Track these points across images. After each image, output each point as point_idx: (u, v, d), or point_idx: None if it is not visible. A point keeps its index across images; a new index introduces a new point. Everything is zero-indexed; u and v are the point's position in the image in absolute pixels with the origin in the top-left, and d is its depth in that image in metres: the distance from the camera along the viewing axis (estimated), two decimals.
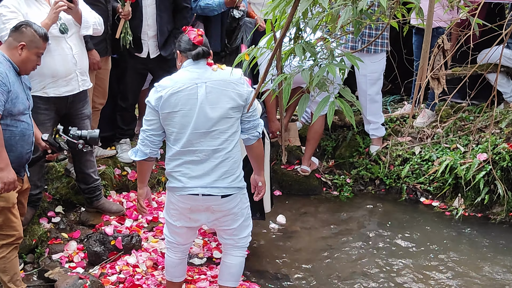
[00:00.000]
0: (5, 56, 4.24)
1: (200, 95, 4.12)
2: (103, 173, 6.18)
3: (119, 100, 6.62)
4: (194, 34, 4.30)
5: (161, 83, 4.19)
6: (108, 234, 5.34)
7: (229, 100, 4.17)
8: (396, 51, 6.92)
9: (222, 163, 4.24)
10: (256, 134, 4.42)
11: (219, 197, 4.27)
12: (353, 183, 7.17)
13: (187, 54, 4.27)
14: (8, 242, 4.39)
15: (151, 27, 6.26)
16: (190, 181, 4.21)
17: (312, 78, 2.90)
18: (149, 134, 4.20)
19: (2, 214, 4.32)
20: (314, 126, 6.82)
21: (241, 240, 4.56)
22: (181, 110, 4.11)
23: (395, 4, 3.33)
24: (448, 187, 6.60)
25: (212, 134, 4.17)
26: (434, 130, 7.27)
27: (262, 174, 4.68)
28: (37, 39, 4.37)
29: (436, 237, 5.99)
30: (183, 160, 4.20)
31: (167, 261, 4.70)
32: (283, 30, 2.85)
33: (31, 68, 4.44)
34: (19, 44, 4.28)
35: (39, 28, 4.41)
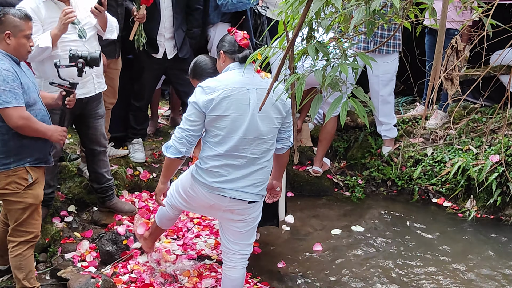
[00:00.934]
0: (1, 52, 4.23)
1: (252, 101, 4.10)
2: (115, 173, 6.20)
3: (132, 99, 6.65)
4: (240, 36, 4.29)
5: (209, 85, 4.11)
6: (120, 234, 5.36)
7: (275, 110, 4.18)
8: (408, 52, 6.91)
9: (259, 171, 4.26)
10: (289, 144, 4.45)
11: (246, 202, 4.28)
12: (365, 184, 7.16)
13: (233, 56, 4.26)
14: (26, 240, 4.43)
15: (168, 29, 6.32)
16: (223, 183, 4.20)
17: (325, 78, 2.90)
18: (189, 134, 4.12)
19: (28, 211, 4.37)
20: (326, 127, 6.81)
21: (246, 248, 4.56)
22: (232, 114, 4.07)
23: (408, 5, 3.32)
24: (460, 189, 6.58)
25: (257, 142, 4.17)
26: (446, 132, 7.25)
27: (281, 180, 4.74)
28: (19, 23, 4.28)
29: (449, 239, 5.97)
30: (223, 163, 4.17)
31: (164, 213, 4.86)
32: (295, 30, 2.85)
33: (26, 53, 4.38)
34: (5, 34, 4.23)
35: (17, 12, 4.32)
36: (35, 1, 4.96)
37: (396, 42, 6.78)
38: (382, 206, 6.77)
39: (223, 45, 4.34)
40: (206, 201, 4.32)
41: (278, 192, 4.77)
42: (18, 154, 4.26)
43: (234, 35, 4.32)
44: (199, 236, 5.79)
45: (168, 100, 8.28)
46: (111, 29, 5.41)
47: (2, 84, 4.06)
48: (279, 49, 3.25)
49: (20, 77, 4.20)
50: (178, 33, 6.36)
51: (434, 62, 2.75)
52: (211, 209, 4.44)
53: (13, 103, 4.08)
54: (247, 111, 4.09)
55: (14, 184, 4.28)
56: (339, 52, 3.11)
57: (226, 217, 4.42)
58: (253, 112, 4.09)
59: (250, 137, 4.12)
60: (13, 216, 4.39)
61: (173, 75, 6.67)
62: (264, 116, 4.13)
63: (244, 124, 4.09)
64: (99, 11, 5.10)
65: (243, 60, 4.20)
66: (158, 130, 7.42)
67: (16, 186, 4.28)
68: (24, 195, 4.32)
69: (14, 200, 4.32)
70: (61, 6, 5.05)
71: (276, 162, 4.54)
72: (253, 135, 4.13)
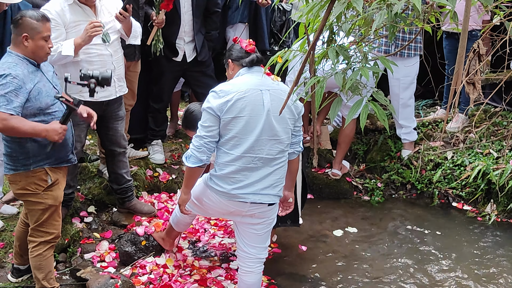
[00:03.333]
0: (18, 55, 4.24)
1: (266, 102, 4.13)
2: (135, 174, 6.23)
3: (151, 101, 6.67)
4: (246, 43, 4.36)
5: (222, 88, 4.14)
6: (140, 235, 5.38)
7: (288, 110, 4.21)
8: (429, 55, 6.88)
9: (275, 172, 4.27)
10: (299, 149, 4.46)
11: (266, 205, 4.29)
12: (384, 187, 7.14)
13: (240, 62, 4.31)
14: (47, 240, 4.46)
15: (187, 33, 6.34)
16: (242, 189, 4.21)
17: (345, 81, 2.90)
18: (207, 141, 4.13)
19: (48, 212, 4.40)
20: (345, 129, 6.80)
21: (263, 251, 4.57)
22: (246, 115, 4.09)
23: (429, 8, 3.31)
24: (480, 193, 6.54)
25: (273, 143, 4.19)
26: (467, 135, 7.20)
27: (293, 190, 4.72)
28: (36, 25, 4.27)
29: (469, 243, 5.94)
30: (240, 167, 4.18)
31: (181, 217, 4.91)
32: (316, 34, 2.85)
33: (45, 54, 4.37)
34: (22, 37, 4.24)
35: (34, 14, 4.31)
36: (60, 4, 4.99)
37: (417, 46, 6.74)
38: (401, 210, 6.75)
39: (230, 54, 4.40)
40: (226, 208, 4.33)
41: (291, 204, 4.73)
42: (37, 155, 4.28)
43: (239, 43, 4.39)
44: (214, 237, 5.81)
45: (188, 102, 8.30)
46: (135, 35, 5.44)
47: (1, 88, 4.07)
48: (300, 52, 3.26)
49: (31, 82, 4.20)
50: (198, 37, 6.39)
51: (456, 66, 2.74)
52: (230, 215, 4.46)
53: (1, 109, 4.06)
54: (262, 111, 4.11)
55: (34, 185, 4.31)
56: (360, 55, 3.10)
57: (245, 222, 4.42)
58: (268, 112, 4.12)
59: (266, 137, 4.15)
60: (33, 216, 4.42)
61: (191, 78, 6.70)
62: (278, 117, 4.14)
63: (260, 125, 4.12)
64: (124, 17, 5.13)
65: (250, 63, 4.27)
66: (177, 132, 7.44)
67: (35, 187, 4.31)
68: (44, 196, 4.35)
69: (34, 200, 4.35)
70: (86, 9, 5.08)
71: (287, 169, 4.52)
72: (268, 135, 4.15)
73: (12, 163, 4.29)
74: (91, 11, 5.11)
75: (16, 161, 4.28)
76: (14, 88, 4.09)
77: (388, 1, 2.77)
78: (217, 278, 5.14)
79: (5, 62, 4.19)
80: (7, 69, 4.12)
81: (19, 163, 4.27)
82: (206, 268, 5.26)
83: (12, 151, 4.27)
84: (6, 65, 4.16)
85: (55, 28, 4.89)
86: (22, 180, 4.30)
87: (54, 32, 4.88)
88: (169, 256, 5.31)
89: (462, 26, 2.71)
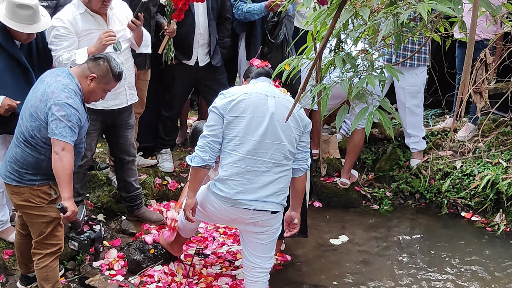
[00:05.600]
0: (78, 85, 4.28)
1: (271, 106, 4.20)
2: (143, 182, 6.26)
3: (162, 110, 6.69)
4: (258, 62, 4.58)
5: (229, 90, 4.28)
6: (148, 243, 5.38)
7: (293, 119, 4.25)
8: (437, 64, 6.87)
9: (280, 179, 4.29)
10: (306, 166, 4.47)
11: (269, 213, 4.30)
12: (393, 196, 7.12)
13: (250, 76, 4.52)
14: (52, 251, 4.47)
15: (203, 35, 6.35)
16: (245, 194, 4.22)
17: (351, 89, 2.91)
18: (210, 141, 4.19)
19: (52, 224, 4.41)
20: (354, 138, 6.80)
21: (268, 261, 4.58)
22: (249, 115, 4.16)
23: (437, 18, 3.32)
24: (489, 202, 6.52)
25: (276, 147, 4.22)
26: (475, 145, 7.19)
27: (299, 211, 4.68)
28: (109, 77, 4.39)
29: (477, 253, 5.91)
30: (244, 169, 4.20)
31: (185, 224, 4.89)
32: (323, 41, 2.86)
33: (94, 100, 4.49)
34: (90, 75, 4.32)
35: (115, 66, 4.42)
36: (73, 13, 5.04)
37: (422, 56, 6.71)
38: (410, 219, 6.73)
39: (246, 74, 4.65)
40: (229, 215, 4.34)
41: (297, 225, 4.69)
42: (46, 174, 4.29)
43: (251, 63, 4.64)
44: (223, 245, 5.82)
45: (197, 111, 8.33)
46: (146, 44, 5.49)
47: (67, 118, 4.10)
48: (307, 59, 3.27)
49: (83, 119, 4.27)
50: (212, 40, 6.41)
51: (462, 76, 2.74)
52: (233, 222, 4.48)
53: (68, 140, 4.11)
54: (266, 114, 4.17)
55: (38, 198, 4.31)
56: (366, 63, 3.11)
57: (248, 230, 4.43)
58: (272, 115, 4.17)
59: (269, 141, 4.19)
60: (37, 229, 4.43)
61: (204, 85, 6.66)
62: (283, 123, 4.19)
63: (263, 126, 4.17)
64: (136, 25, 5.16)
65: (257, 75, 4.46)
66: (186, 140, 7.45)
67: (40, 200, 4.32)
68: (48, 209, 4.36)
69: (37, 214, 4.35)
70: (98, 18, 5.12)
71: (293, 187, 4.52)
72: (272, 139, 4.19)
73: (17, 175, 4.30)
74: (102, 20, 5.15)
75: (22, 176, 4.28)
76: (76, 121, 4.15)
77: (395, 10, 2.78)
78: (223, 286, 5.14)
79: (67, 86, 4.21)
80: (70, 98, 4.16)
81: (25, 178, 4.29)
82: (213, 276, 5.27)
83: (23, 164, 4.27)
84: (68, 91, 4.19)
85: (68, 37, 4.95)
86: (26, 192, 4.31)
87: (67, 41, 4.94)
88: (178, 265, 5.32)
89: (469, 35, 2.72)
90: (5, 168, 4.38)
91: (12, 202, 4.49)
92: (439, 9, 2.64)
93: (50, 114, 4.10)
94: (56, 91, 4.15)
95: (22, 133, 4.26)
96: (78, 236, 4.44)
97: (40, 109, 4.16)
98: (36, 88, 4.30)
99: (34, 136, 4.21)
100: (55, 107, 4.09)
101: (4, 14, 4.67)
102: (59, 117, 4.08)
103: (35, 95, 4.24)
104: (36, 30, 4.78)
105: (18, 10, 4.63)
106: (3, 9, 4.68)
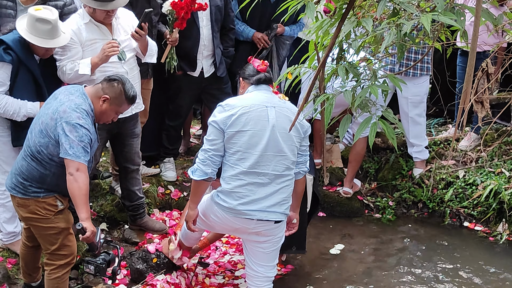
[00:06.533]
0: (90, 105, 4.29)
1: (271, 118, 4.18)
2: (146, 191, 6.26)
3: (167, 119, 6.69)
4: (258, 63, 4.46)
5: (229, 102, 4.23)
6: (151, 252, 5.39)
7: (294, 129, 4.23)
8: (439, 73, 6.87)
9: (282, 189, 4.29)
10: (305, 169, 4.49)
11: (273, 223, 4.30)
12: (396, 206, 7.12)
13: (249, 80, 4.41)
14: (66, 262, 4.45)
15: (207, 47, 6.35)
16: (248, 205, 4.22)
17: (355, 99, 2.92)
18: (211, 155, 4.19)
19: (62, 235, 4.39)
20: (356, 147, 6.81)
21: (271, 270, 4.58)
22: (250, 129, 4.15)
23: (439, 27, 3.34)
24: (492, 212, 6.52)
25: (278, 159, 4.22)
26: (478, 154, 7.19)
27: (298, 211, 4.71)
28: (122, 99, 4.41)
29: (480, 262, 5.91)
30: (246, 182, 4.21)
31: (188, 233, 4.87)
32: (326, 51, 2.88)
33: (105, 121, 4.50)
34: (103, 96, 4.33)
35: (129, 89, 4.44)
36: (77, 23, 5.05)
37: (424, 66, 6.70)
38: (412, 228, 6.73)
39: (243, 72, 4.52)
40: (231, 225, 4.35)
41: (295, 225, 4.75)
42: (50, 189, 4.30)
43: (252, 62, 4.50)
44: (225, 254, 5.82)
45: (200, 120, 8.34)
46: (151, 53, 5.49)
47: (79, 139, 4.10)
48: (309, 68, 3.29)
49: (94, 139, 4.28)
50: (217, 52, 6.42)
51: (464, 85, 2.75)
52: (236, 232, 4.48)
53: (81, 160, 4.12)
54: (266, 127, 4.16)
55: (44, 210, 4.30)
56: (369, 73, 3.13)
57: (251, 239, 4.43)
58: (273, 128, 4.16)
59: (271, 153, 4.18)
60: (47, 241, 4.40)
61: (209, 94, 6.63)
62: (284, 133, 4.19)
63: (264, 140, 4.16)
64: (140, 35, 5.17)
65: (257, 81, 4.36)
66: (189, 149, 7.47)
67: (46, 212, 4.30)
68: (55, 220, 4.34)
69: (46, 226, 4.34)
70: (102, 28, 5.13)
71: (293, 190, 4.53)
72: (273, 151, 4.19)
73: (22, 187, 4.29)
74: (107, 30, 5.16)
75: (26, 188, 4.28)
76: (88, 141, 4.17)
77: (398, 20, 2.80)
78: None
79: (79, 106, 4.22)
80: (82, 119, 4.16)
81: (30, 190, 4.28)
82: (215, 286, 5.26)
83: (28, 177, 4.27)
84: (80, 111, 4.19)
85: (72, 47, 4.97)
86: (31, 205, 4.30)
87: (71, 51, 4.96)
88: (181, 274, 5.32)
89: (470, 45, 2.73)
90: (10, 180, 4.38)
91: (19, 214, 4.48)
92: (442, 21, 2.65)
93: (61, 133, 4.10)
94: (68, 110, 4.15)
95: (30, 147, 4.26)
96: (94, 260, 4.40)
97: (50, 126, 4.16)
98: (49, 104, 4.31)
99: (41, 152, 4.21)
100: (67, 127, 4.09)
101: (24, 29, 4.68)
102: (72, 138, 4.08)
103: (46, 111, 4.24)
104: (54, 45, 4.77)
105: (37, 24, 4.63)
106: (24, 24, 4.69)
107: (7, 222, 5.14)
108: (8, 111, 4.69)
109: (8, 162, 4.90)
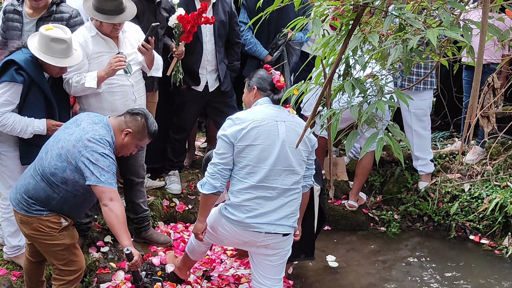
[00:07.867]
0: (113, 138, 4.29)
1: (281, 132, 4.19)
2: (151, 204, 6.25)
3: (172, 132, 6.70)
4: (278, 77, 4.39)
5: (239, 116, 4.23)
6: (155, 265, 5.38)
7: (302, 143, 4.25)
8: (446, 88, 6.86)
9: (291, 203, 4.31)
10: (311, 183, 4.51)
11: (281, 235, 4.31)
12: (401, 219, 7.10)
13: (266, 93, 4.37)
14: (75, 278, 4.44)
15: (210, 62, 6.35)
16: (256, 218, 4.23)
17: (361, 114, 2.92)
18: (220, 168, 4.20)
19: (68, 251, 4.38)
20: (363, 161, 6.79)
21: (278, 283, 4.58)
22: (260, 144, 4.15)
23: (445, 43, 3.34)
24: (498, 226, 6.50)
25: (287, 173, 4.23)
26: (484, 167, 7.17)
27: (300, 223, 4.73)
28: (144, 133, 4.42)
29: (486, 276, 5.89)
30: (255, 195, 4.22)
31: (196, 246, 4.88)
32: (333, 67, 2.88)
33: (124, 154, 4.51)
34: (126, 129, 4.34)
35: (152, 124, 4.45)
36: (84, 36, 5.07)
37: (428, 80, 6.70)
38: (418, 242, 6.71)
39: (259, 81, 4.44)
40: (240, 238, 4.35)
41: (297, 236, 4.76)
42: (53, 210, 4.29)
43: (271, 74, 4.42)
44: (231, 268, 5.80)
45: (204, 132, 8.34)
46: (157, 67, 5.50)
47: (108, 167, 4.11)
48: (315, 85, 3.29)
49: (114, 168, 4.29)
50: (221, 66, 6.41)
51: (470, 100, 2.75)
52: (245, 245, 4.47)
53: (114, 186, 4.14)
54: (276, 141, 4.16)
55: (48, 228, 4.28)
56: (376, 89, 3.13)
57: (259, 252, 4.43)
58: (283, 142, 4.16)
59: (280, 168, 4.19)
60: (54, 258, 4.39)
61: (213, 107, 6.65)
62: (293, 148, 4.19)
63: (274, 154, 4.16)
64: (147, 49, 5.18)
65: (277, 102, 4.30)
66: (194, 162, 7.46)
67: (50, 230, 4.28)
68: (60, 237, 4.32)
69: (51, 243, 4.32)
70: (109, 41, 5.15)
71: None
72: (282, 166, 4.19)
73: (25, 204, 4.27)
74: (113, 43, 5.17)
75: (29, 205, 4.26)
76: (114, 171, 4.18)
77: (404, 36, 2.80)
78: None
79: (103, 137, 4.22)
80: (107, 149, 4.17)
81: (33, 208, 4.26)
82: None
83: (33, 196, 4.25)
84: (103, 143, 4.19)
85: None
86: (34, 222, 4.27)
87: (78, 63, 4.97)
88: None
89: (476, 60, 2.73)
90: (14, 195, 4.36)
91: (22, 231, 4.46)
92: (448, 35, 2.65)
93: (87, 162, 4.08)
94: (93, 140, 4.14)
95: (43, 167, 4.23)
96: None
97: (71, 153, 4.13)
98: (70, 129, 4.28)
99: (54, 174, 4.19)
100: (93, 156, 4.09)
101: (36, 47, 4.64)
102: (101, 166, 4.09)
103: (68, 138, 4.21)
104: (69, 64, 4.76)
105: (52, 44, 4.60)
106: (35, 43, 4.66)
107: (12, 236, 5.13)
108: (15, 128, 4.68)
109: (13, 177, 4.89)
